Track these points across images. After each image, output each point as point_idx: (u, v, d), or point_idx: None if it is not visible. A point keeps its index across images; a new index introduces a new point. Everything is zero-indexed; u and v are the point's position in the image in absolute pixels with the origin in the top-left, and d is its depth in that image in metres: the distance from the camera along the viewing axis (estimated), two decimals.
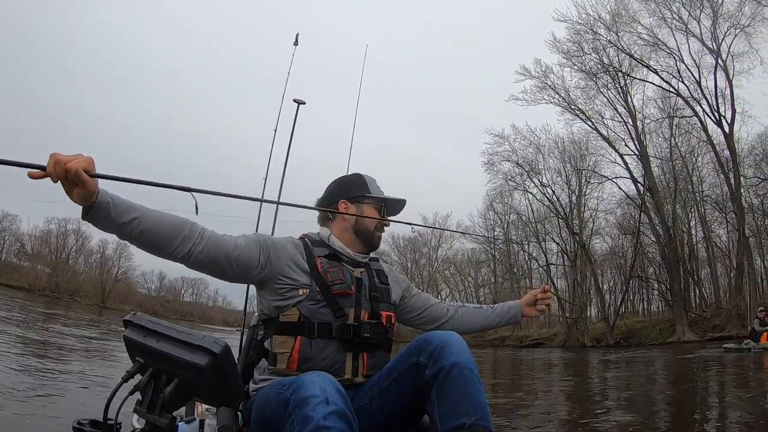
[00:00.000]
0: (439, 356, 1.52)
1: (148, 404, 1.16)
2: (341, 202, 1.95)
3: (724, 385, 9.23)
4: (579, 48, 28.12)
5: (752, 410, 6.01)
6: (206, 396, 1.26)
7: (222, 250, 1.70)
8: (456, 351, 1.53)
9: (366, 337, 1.76)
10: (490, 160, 32.98)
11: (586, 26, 27.44)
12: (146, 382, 1.17)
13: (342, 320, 1.75)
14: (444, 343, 1.54)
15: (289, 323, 1.73)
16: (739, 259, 25.25)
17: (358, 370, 1.76)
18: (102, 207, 1.43)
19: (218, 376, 1.14)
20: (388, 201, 2.00)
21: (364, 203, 1.95)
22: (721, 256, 30.77)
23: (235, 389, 1.19)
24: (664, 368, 13.79)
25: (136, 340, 1.21)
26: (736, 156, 25.61)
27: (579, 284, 33.15)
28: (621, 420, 6.15)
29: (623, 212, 33.23)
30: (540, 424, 6.10)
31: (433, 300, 2.21)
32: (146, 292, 74.35)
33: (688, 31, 26.54)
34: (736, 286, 25.20)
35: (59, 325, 19.00)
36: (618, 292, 35.81)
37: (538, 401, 8.70)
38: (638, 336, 28.00)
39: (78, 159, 1.28)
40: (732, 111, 25.70)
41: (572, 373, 14.82)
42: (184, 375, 1.14)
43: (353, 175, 2.03)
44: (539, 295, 2.26)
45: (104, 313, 47.47)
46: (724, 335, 24.37)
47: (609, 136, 29.45)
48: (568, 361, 19.67)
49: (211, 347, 1.12)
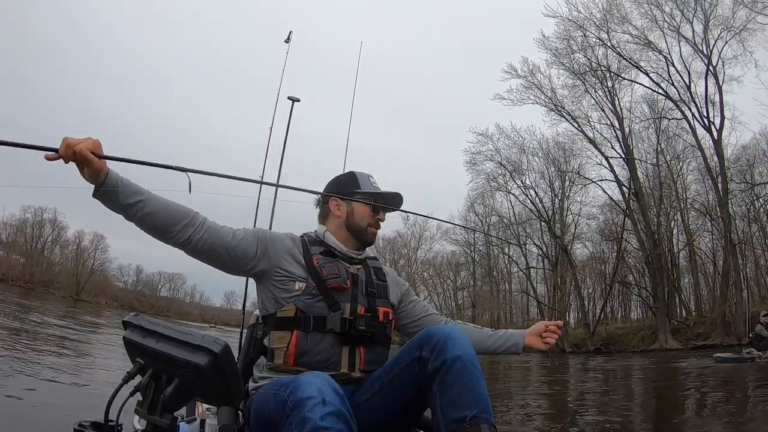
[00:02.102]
0: (442, 349, 1.49)
1: (149, 405, 1.14)
2: (332, 199, 1.93)
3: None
4: (567, 46, 26.88)
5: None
6: (207, 396, 1.24)
7: (221, 240, 1.72)
8: (458, 344, 1.50)
9: (361, 330, 1.73)
10: (473, 159, 31.69)
11: (576, 23, 26.21)
12: (147, 383, 1.15)
13: (337, 314, 1.72)
14: (446, 337, 1.51)
15: (286, 318, 1.72)
16: (726, 266, 24.08)
17: (354, 365, 1.72)
18: (110, 187, 1.50)
19: (218, 376, 1.12)
20: (379, 196, 1.94)
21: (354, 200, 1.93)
22: (704, 264, 29.76)
23: (235, 388, 1.16)
24: (652, 382, 11.92)
25: (135, 341, 1.18)
26: (724, 162, 24.61)
27: (559, 288, 31.81)
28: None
29: (606, 218, 32.26)
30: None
31: (431, 310, 2.13)
32: (123, 286, 72.29)
33: (680, 36, 25.58)
34: (722, 293, 24.03)
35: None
36: (598, 298, 34.73)
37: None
38: (619, 342, 26.94)
39: (86, 141, 1.40)
40: (721, 117, 24.83)
41: (552, 382, 13.24)
42: (185, 375, 1.12)
43: (347, 173, 2.00)
44: (550, 327, 2.03)
45: (78, 305, 46.35)
46: (708, 343, 23.61)
47: (595, 138, 28.30)
48: (548, 367, 18.20)
49: (211, 347, 1.10)
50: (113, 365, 8.75)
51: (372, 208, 1.91)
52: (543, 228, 33.10)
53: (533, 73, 28.44)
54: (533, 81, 28.48)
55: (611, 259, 31.63)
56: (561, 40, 27.03)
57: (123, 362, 7.80)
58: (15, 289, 44.41)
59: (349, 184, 1.94)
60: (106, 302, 63.95)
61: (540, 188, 32.43)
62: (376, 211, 1.92)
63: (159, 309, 67.83)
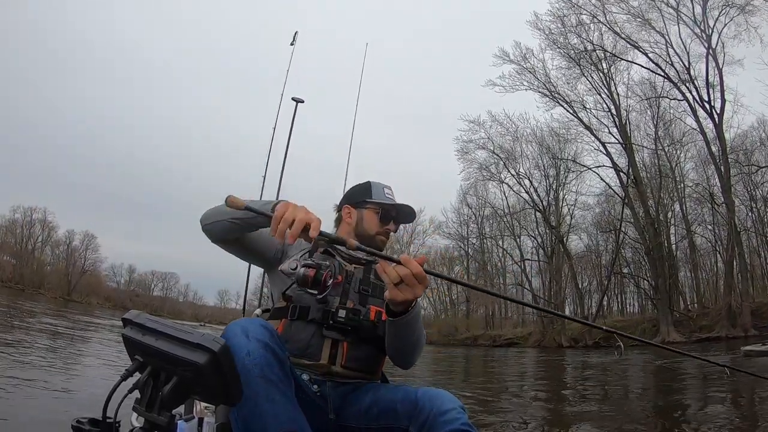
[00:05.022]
0: (432, 427, 1.40)
1: (147, 402, 1.12)
2: (345, 207, 1.93)
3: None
4: (562, 25, 25.16)
5: None
6: (205, 394, 1.19)
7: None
8: (450, 419, 1.38)
9: (340, 321, 1.64)
10: (464, 147, 29.98)
11: (570, 1, 24.52)
12: (145, 381, 1.13)
13: (322, 306, 1.65)
14: (437, 413, 1.41)
15: (280, 308, 1.70)
16: (730, 255, 22.46)
17: (336, 359, 1.63)
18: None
19: (217, 375, 1.10)
20: (390, 207, 1.90)
21: (365, 208, 1.89)
22: (705, 254, 28.17)
23: (233, 387, 1.15)
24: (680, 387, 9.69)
25: (134, 339, 1.16)
26: (726, 146, 23.03)
27: (555, 281, 30.12)
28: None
29: (602, 210, 30.60)
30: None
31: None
32: (115, 286, 70.63)
33: (679, 17, 23.97)
34: (726, 283, 22.39)
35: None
36: (595, 291, 33.11)
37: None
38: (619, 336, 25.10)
39: (316, 222, 1.33)
40: (722, 100, 23.36)
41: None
42: (183, 373, 1.11)
43: (364, 182, 1.98)
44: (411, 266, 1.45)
45: (69, 305, 44.92)
46: (712, 336, 22.28)
47: (591, 123, 26.62)
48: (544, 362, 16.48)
49: (210, 345, 1.07)
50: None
51: (380, 218, 1.88)
52: (538, 219, 31.44)
53: (526, 57, 26.86)
54: (526, 66, 26.87)
55: (608, 251, 29.98)
56: (555, 19, 25.36)
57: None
58: (5, 291, 43.48)
59: (363, 193, 1.93)
60: (98, 302, 62.69)
61: (534, 178, 30.84)
62: (384, 221, 1.88)
63: (152, 309, 65.85)
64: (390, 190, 1.96)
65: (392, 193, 1.95)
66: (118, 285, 71.56)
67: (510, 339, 32.14)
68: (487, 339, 33.64)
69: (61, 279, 61.35)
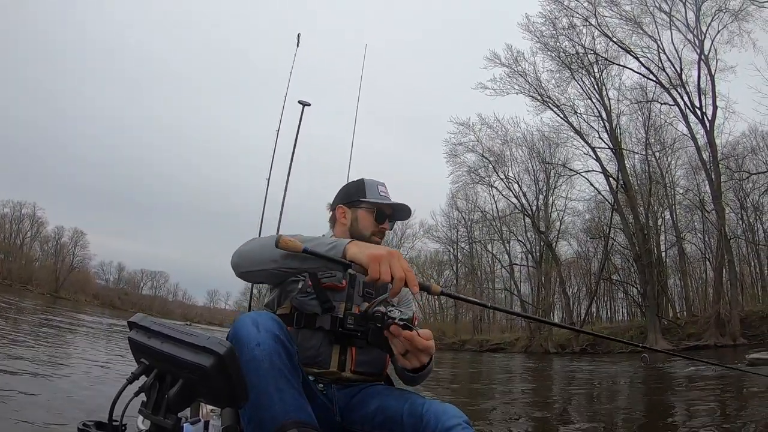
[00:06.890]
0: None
1: (153, 405, 1.12)
2: (338, 207, 1.89)
3: None
4: (553, 28, 24.63)
5: None
6: (211, 397, 1.18)
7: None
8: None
9: (350, 328, 1.64)
10: (453, 150, 29.38)
11: (562, 3, 24.01)
12: (151, 384, 1.13)
13: (329, 312, 1.66)
14: (441, 429, 1.38)
15: (283, 315, 1.64)
16: (720, 263, 21.90)
17: (345, 365, 1.64)
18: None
19: (223, 377, 1.10)
20: (385, 206, 1.86)
21: (359, 208, 1.86)
22: (695, 261, 27.64)
23: (239, 390, 1.14)
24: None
25: (140, 342, 1.16)
26: (717, 153, 22.52)
27: (543, 286, 29.48)
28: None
29: (591, 216, 30.03)
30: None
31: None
32: (104, 284, 69.34)
33: (672, 23, 23.53)
34: (716, 291, 21.84)
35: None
36: (583, 297, 32.47)
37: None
38: (606, 343, 24.58)
39: (411, 275, 1.32)
40: (713, 107, 22.87)
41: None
42: (189, 376, 1.11)
43: (357, 180, 1.94)
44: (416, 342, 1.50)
45: (58, 302, 43.94)
46: (701, 344, 21.77)
47: (581, 128, 26.08)
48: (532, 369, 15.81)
49: (216, 348, 1.07)
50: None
51: (375, 218, 1.85)
52: (527, 224, 30.84)
53: (517, 60, 26.29)
54: (517, 69, 26.31)
55: (597, 257, 29.39)
56: (546, 22, 24.83)
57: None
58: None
59: (357, 192, 1.88)
60: (86, 300, 61.56)
61: (523, 182, 30.28)
62: (379, 220, 1.84)
63: (141, 307, 64.23)
64: (384, 187, 1.91)
65: (386, 191, 1.90)
66: (107, 283, 70.20)
67: (497, 344, 31.49)
68: (475, 344, 33.02)
69: (49, 275, 59.90)
